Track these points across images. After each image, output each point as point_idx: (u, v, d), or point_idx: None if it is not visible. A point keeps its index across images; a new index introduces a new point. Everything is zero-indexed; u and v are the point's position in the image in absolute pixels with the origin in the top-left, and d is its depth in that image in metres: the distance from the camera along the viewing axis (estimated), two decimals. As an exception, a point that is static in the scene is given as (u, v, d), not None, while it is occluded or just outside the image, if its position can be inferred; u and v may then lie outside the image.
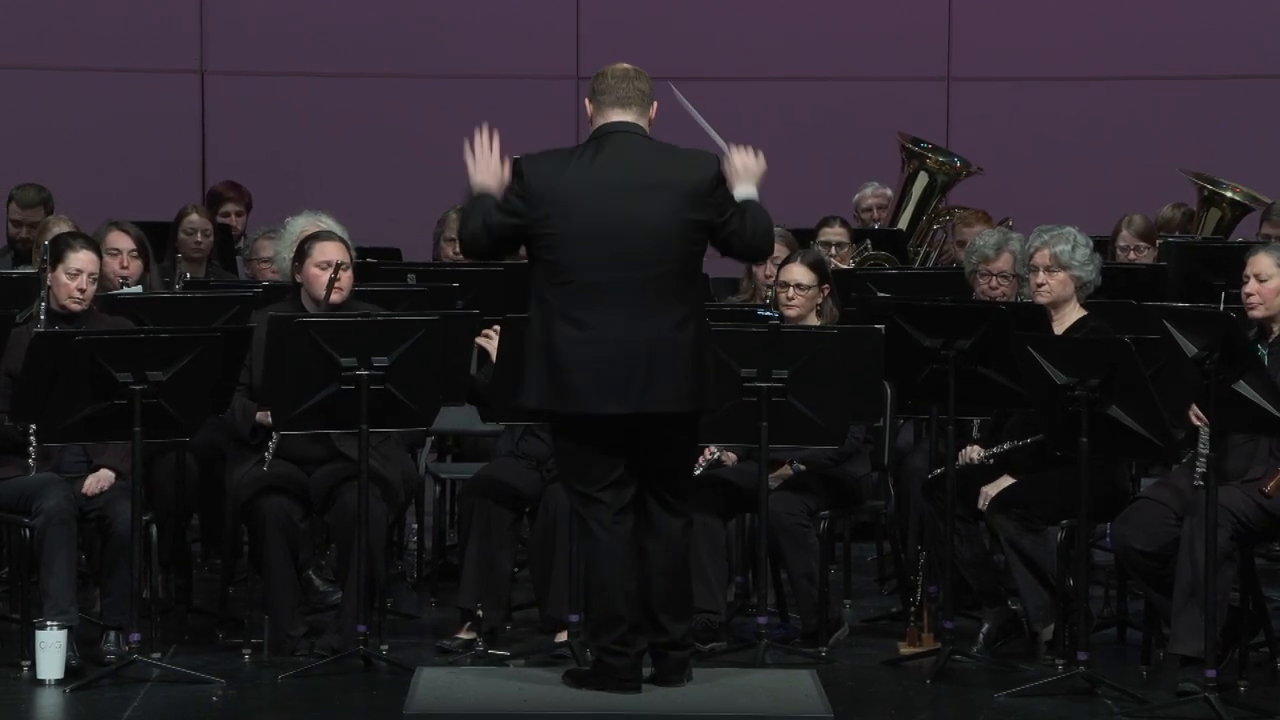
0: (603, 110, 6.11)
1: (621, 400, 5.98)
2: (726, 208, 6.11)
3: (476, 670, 6.70)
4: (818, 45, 12.31)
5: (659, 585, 6.15)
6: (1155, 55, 12.26)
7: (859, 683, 6.75)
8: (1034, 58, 12.30)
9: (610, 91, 6.10)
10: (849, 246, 9.47)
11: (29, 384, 6.60)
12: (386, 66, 12.04)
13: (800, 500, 7.13)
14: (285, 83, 12.01)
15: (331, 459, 7.03)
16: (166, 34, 12.05)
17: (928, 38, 12.45)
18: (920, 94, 12.31)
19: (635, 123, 6.10)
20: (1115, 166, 11.94)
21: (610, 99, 6.10)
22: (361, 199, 9.81)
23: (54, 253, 7.00)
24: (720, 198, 6.11)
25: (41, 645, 6.56)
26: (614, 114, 6.09)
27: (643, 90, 6.12)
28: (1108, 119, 12.27)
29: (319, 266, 7.03)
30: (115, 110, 11.83)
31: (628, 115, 6.09)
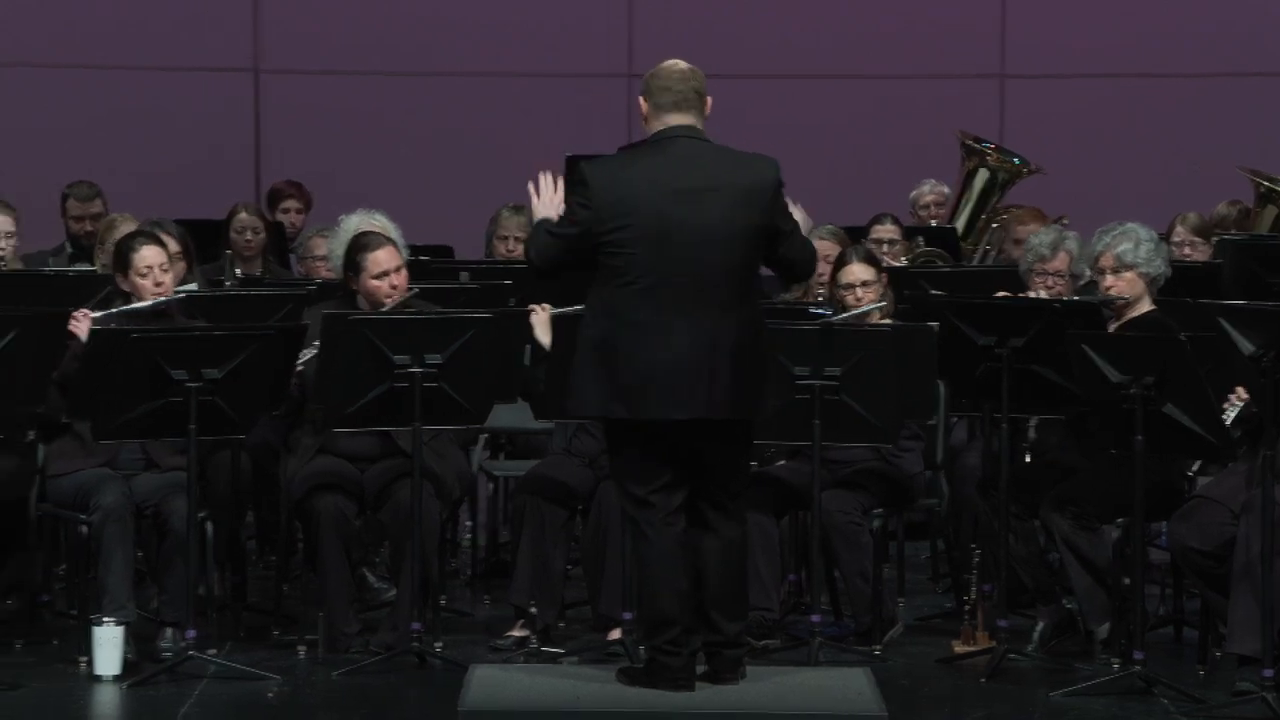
0: (660, 113, 6.09)
1: (684, 406, 5.97)
2: (785, 214, 6.12)
3: (530, 668, 6.71)
4: (870, 43, 12.28)
5: (713, 584, 6.14)
6: (1211, 51, 12.20)
7: (913, 681, 6.73)
8: (1087, 55, 12.25)
9: (667, 93, 6.08)
10: (901, 244, 9.46)
11: (86, 381, 6.65)
12: (440, 65, 12.07)
13: (853, 498, 7.12)
14: (339, 81, 12.05)
15: (385, 456, 7.05)
16: (221, 33, 12.11)
17: (981, 35, 12.41)
18: (973, 91, 12.28)
19: (694, 125, 6.09)
20: (1170, 163, 11.87)
21: (667, 101, 6.08)
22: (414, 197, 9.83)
23: (119, 261, 7.04)
24: (780, 203, 6.11)
25: (99, 642, 6.60)
26: (672, 117, 6.08)
27: (698, 89, 6.11)
28: (1162, 116, 12.21)
29: (375, 279, 7.06)
30: (170, 108, 11.89)
31: (686, 117, 6.08)
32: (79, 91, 11.84)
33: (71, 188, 9.48)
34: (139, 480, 6.90)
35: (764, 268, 6.24)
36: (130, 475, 6.91)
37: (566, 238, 6.04)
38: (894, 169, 11.07)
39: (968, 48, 12.36)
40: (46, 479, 6.98)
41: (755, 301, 6.11)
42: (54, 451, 7.00)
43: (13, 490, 7.15)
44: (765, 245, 6.08)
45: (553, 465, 7.26)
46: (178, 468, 6.80)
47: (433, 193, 11.14)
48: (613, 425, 6.10)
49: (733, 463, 6.16)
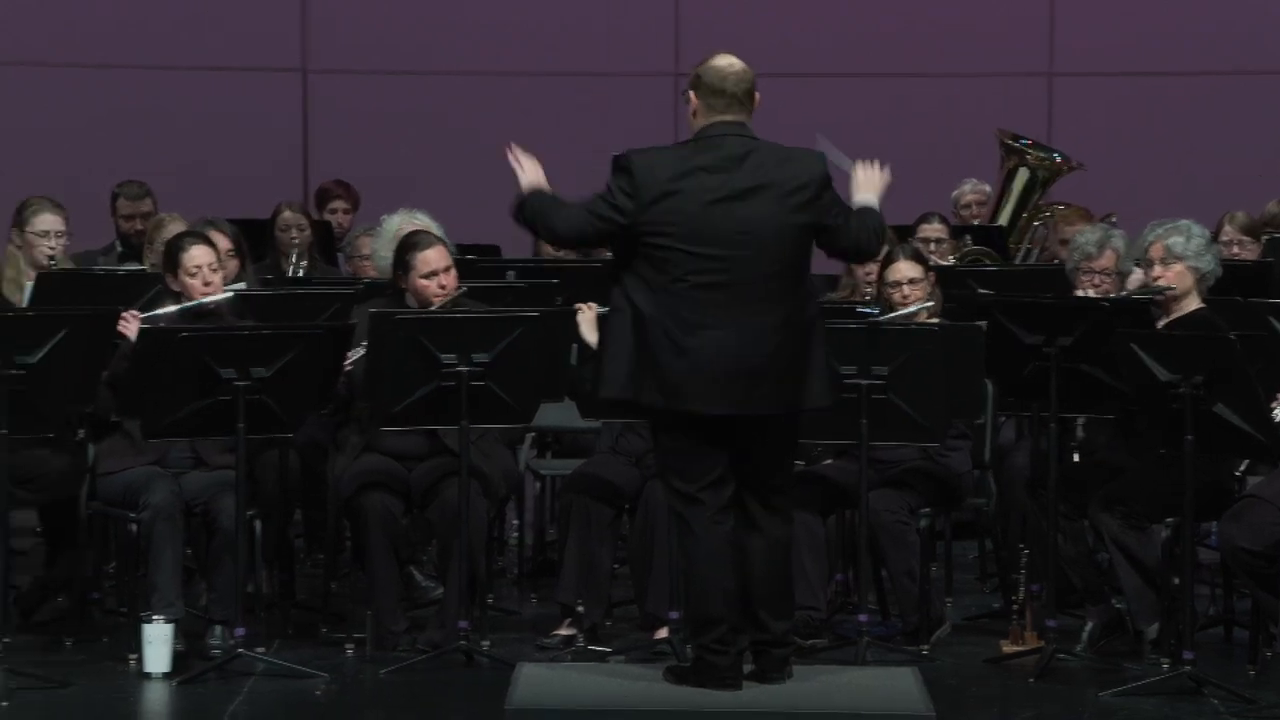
0: (708, 109, 6.08)
1: (728, 401, 5.97)
2: (834, 208, 6.10)
3: (577, 666, 6.72)
4: (918, 41, 12.26)
5: (760, 583, 6.13)
6: (1259, 49, 12.13)
7: (961, 681, 6.72)
8: (1136, 52, 12.20)
9: (720, 93, 6.07)
10: (948, 243, 9.43)
11: (135, 380, 6.68)
12: (488, 65, 12.09)
13: (901, 498, 7.10)
14: (386, 81, 12.08)
15: (432, 454, 7.07)
16: (268, 33, 12.16)
17: (1029, 33, 12.37)
18: (1022, 89, 12.24)
19: (742, 121, 6.08)
20: (1218, 162, 11.81)
21: (719, 101, 6.07)
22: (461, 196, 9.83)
23: (168, 260, 7.08)
24: (828, 200, 6.09)
25: (148, 639, 6.63)
26: (720, 114, 6.07)
27: (750, 90, 6.10)
28: (1211, 114, 12.15)
29: (425, 278, 7.07)
30: (218, 109, 11.94)
31: (734, 114, 6.07)
32: (129, 91, 11.90)
33: (121, 187, 9.54)
34: (188, 478, 6.93)
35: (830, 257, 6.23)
36: (179, 473, 6.94)
37: (606, 222, 6.03)
38: (942, 168, 11.03)
39: (1016, 46, 12.32)
40: (96, 477, 7.02)
41: (804, 297, 6.08)
42: (104, 450, 7.04)
43: (63, 489, 7.19)
44: (813, 242, 6.07)
45: (599, 464, 7.26)
46: (226, 466, 6.82)
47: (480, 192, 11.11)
48: (659, 421, 6.09)
49: (778, 458, 6.14)
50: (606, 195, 6.04)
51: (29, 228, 7.98)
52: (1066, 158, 10.58)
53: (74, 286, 7.67)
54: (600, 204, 6.03)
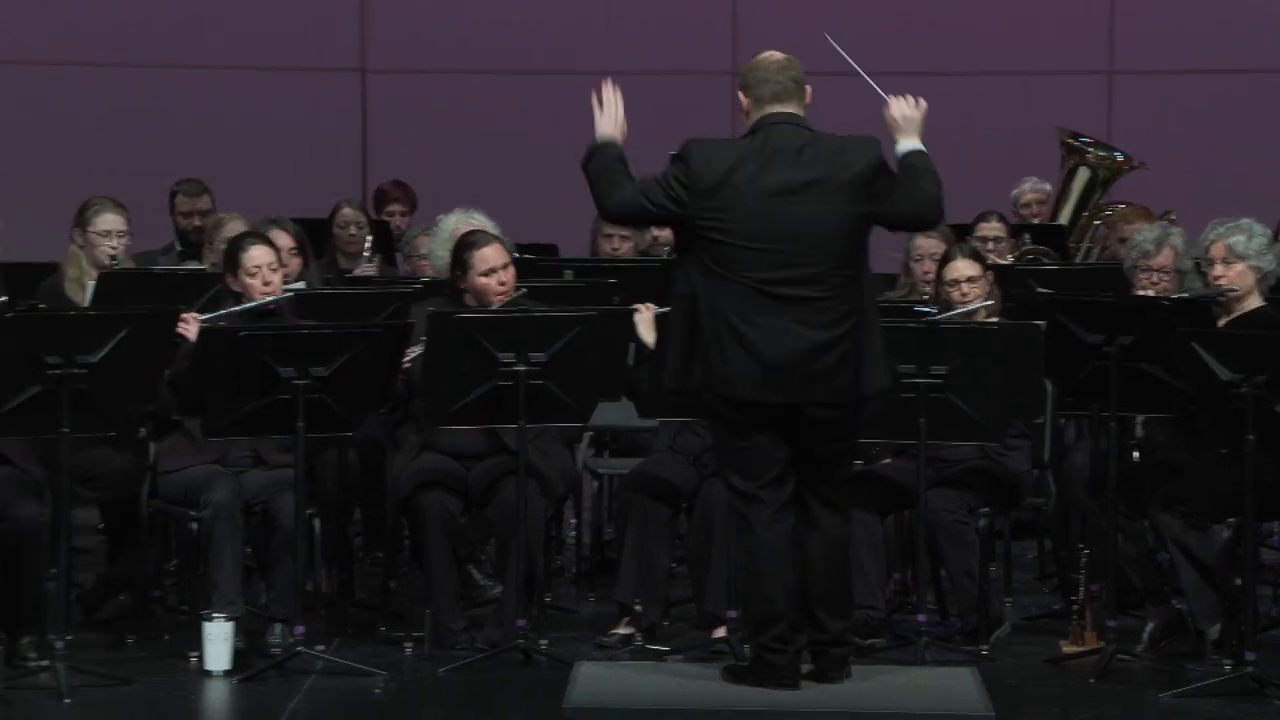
0: (760, 104, 6.09)
1: (786, 390, 5.96)
2: (889, 191, 6.08)
3: (635, 665, 6.71)
4: (978, 39, 12.21)
5: (818, 582, 6.13)
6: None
7: (1020, 681, 6.69)
8: (1198, 50, 12.12)
9: (765, 84, 6.07)
10: (1006, 241, 9.40)
11: (195, 379, 6.72)
12: (545, 63, 12.10)
13: (960, 497, 7.08)
14: (445, 80, 12.11)
15: (490, 453, 7.08)
16: (328, 33, 12.20)
17: (1089, 30, 12.31)
18: (1082, 88, 12.18)
19: (794, 112, 6.07)
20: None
21: (767, 92, 6.07)
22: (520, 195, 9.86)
23: (229, 260, 7.11)
24: (883, 184, 6.08)
25: (209, 637, 6.66)
26: (770, 105, 6.07)
27: (797, 79, 6.10)
28: (1273, 112, 12.06)
29: (483, 276, 7.08)
30: (277, 109, 11.99)
31: (784, 104, 6.07)
32: (190, 92, 11.96)
33: (179, 185, 9.59)
34: (248, 477, 6.96)
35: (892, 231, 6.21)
36: (239, 472, 6.97)
37: (659, 209, 6.04)
38: (1002, 167, 10.98)
39: (1076, 44, 12.26)
40: (157, 476, 7.06)
41: (860, 291, 6.07)
42: (165, 449, 7.07)
43: (125, 487, 7.23)
44: (869, 231, 6.06)
45: (657, 463, 7.26)
46: (286, 465, 6.85)
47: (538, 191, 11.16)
48: (719, 418, 6.09)
49: (837, 454, 6.13)
50: (663, 181, 6.05)
51: (91, 228, 8.03)
52: (1128, 156, 10.52)
53: (135, 286, 7.71)
54: (656, 190, 6.04)
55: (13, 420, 6.41)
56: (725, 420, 6.07)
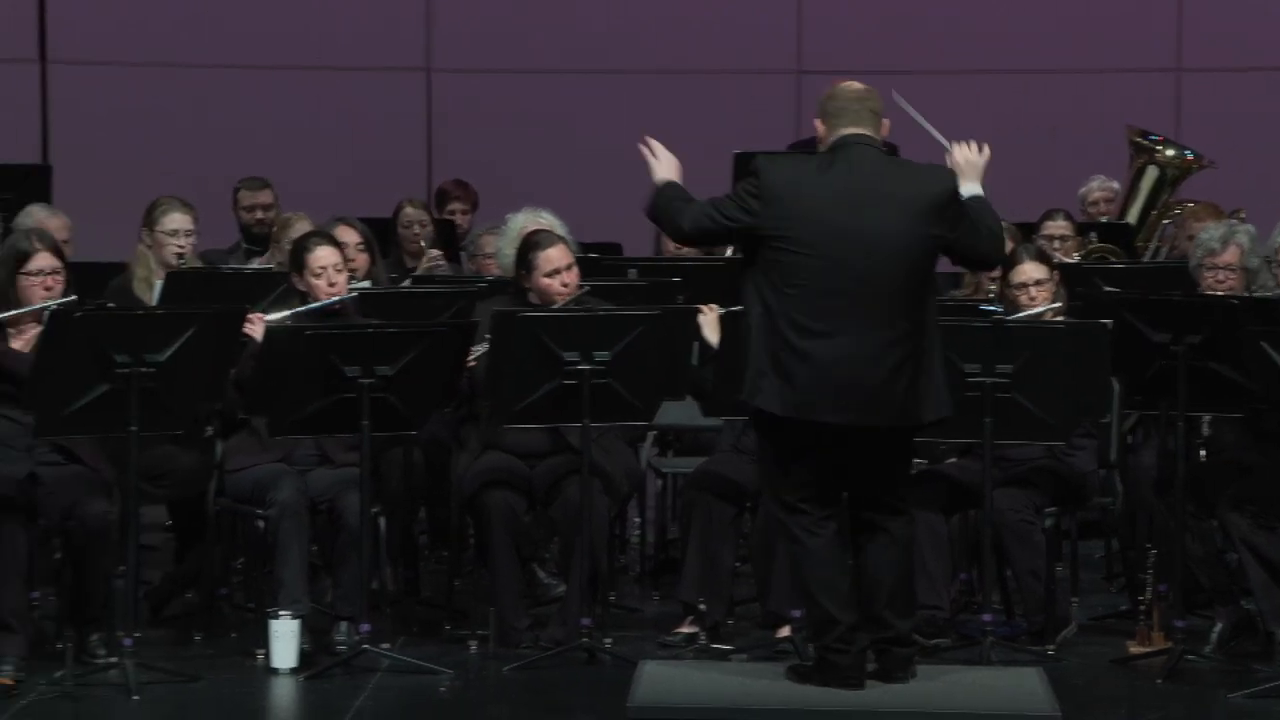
0: (833, 126, 6.11)
1: (842, 410, 5.95)
2: (959, 222, 6.08)
3: (699, 665, 6.71)
4: (1044, 37, 12.15)
5: (882, 582, 6.12)
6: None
7: (1087, 681, 6.65)
8: (1266, 46, 12.01)
9: (842, 113, 6.09)
10: (1073, 240, 9.35)
11: (261, 378, 6.75)
12: (609, 62, 12.10)
13: (1025, 497, 7.04)
14: (509, 80, 12.13)
15: (554, 452, 7.09)
16: (393, 32, 12.24)
17: (1157, 28, 12.22)
18: (1150, 86, 12.09)
19: (869, 134, 6.08)
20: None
21: (843, 120, 6.09)
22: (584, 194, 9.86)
23: (295, 260, 7.15)
24: (954, 213, 6.08)
25: (275, 634, 6.70)
26: (845, 128, 6.08)
27: (874, 109, 6.11)
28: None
29: (547, 276, 7.09)
30: (343, 108, 12.03)
31: (859, 127, 6.08)
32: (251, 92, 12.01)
33: (242, 181, 9.65)
34: (314, 475, 6.99)
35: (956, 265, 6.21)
36: (305, 471, 7.00)
37: (731, 221, 6.05)
38: (1069, 165, 10.93)
39: (1144, 41, 12.18)
40: (224, 474, 7.09)
41: (925, 313, 6.06)
42: (232, 447, 7.11)
43: (192, 485, 7.28)
44: (938, 255, 6.06)
45: (721, 462, 7.26)
46: (351, 464, 6.87)
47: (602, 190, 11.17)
48: (765, 430, 6.09)
49: (891, 472, 6.13)
50: (734, 196, 6.09)
51: (158, 227, 8.08)
52: (1197, 155, 10.44)
53: (202, 285, 7.76)
54: (728, 204, 6.07)
55: (82, 419, 6.46)
56: (773, 430, 6.06)
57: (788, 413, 5.99)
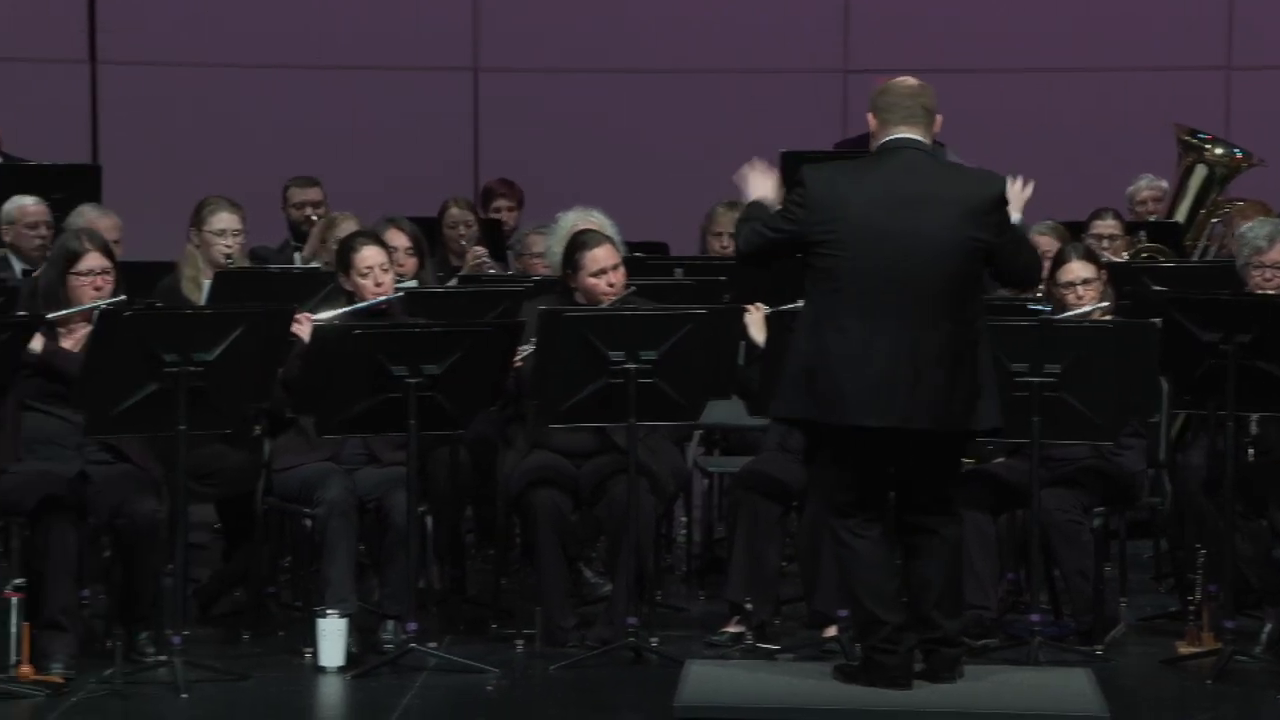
0: (887, 126, 6.09)
1: (883, 413, 5.94)
2: (1005, 230, 6.07)
3: (745, 664, 6.71)
4: (1095, 35, 12.10)
5: (930, 583, 6.10)
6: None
7: (1136, 682, 6.63)
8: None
9: (894, 108, 6.08)
10: (1122, 239, 9.31)
11: (309, 378, 6.77)
12: (656, 62, 12.10)
13: (1073, 496, 7.02)
14: (556, 79, 12.14)
15: (600, 452, 7.09)
16: (441, 32, 12.26)
17: (1207, 26, 12.15)
18: (1199, 84, 12.03)
19: (919, 138, 6.07)
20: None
21: (895, 116, 6.08)
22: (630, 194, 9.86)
23: (341, 260, 7.17)
24: (999, 219, 6.06)
25: (323, 633, 6.71)
26: (899, 130, 6.07)
27: (927, 106, 6.09)
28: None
29: (593, 276, 7.10)
30: (389, 108, 12.06)
31: (913, 131, 6.07)
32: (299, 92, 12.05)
33: (292, 179, 9.68)
34: (361, 475, 7.01)
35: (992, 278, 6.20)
36: (353, 470, 7.02)
37: (778, 233, 6.06)
38: (1117, 163, 10.88)
39: (1193, 39, 12.11)
40: (272, 473, 7.12)
41: (972, 317, 6.04)
42: (280, 446, 7.14)
43: (240, 484, 7.31)
44: (984, 259, 6.04)
45: (768, 461, 7.25)
46: (398, 463, 6.89)
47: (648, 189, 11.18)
48: (812, 431, 6.08)
49: (940, 473, 6.12)
50: (782, 209, 6.09)
51: (206, 227, 8.12)
52: (1247, 153, 10.38)
53: (250, 284, 7.79)
54: (775, 217, 6.09)
55: (131, 418, 6.50)
56: (820, 433, 6.05)
57: (821, 418, 5.98)
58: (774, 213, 6.11)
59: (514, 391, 7.08)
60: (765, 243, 6.10)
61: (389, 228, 7.95)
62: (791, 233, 6.04)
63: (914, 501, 6.12)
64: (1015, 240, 6.14)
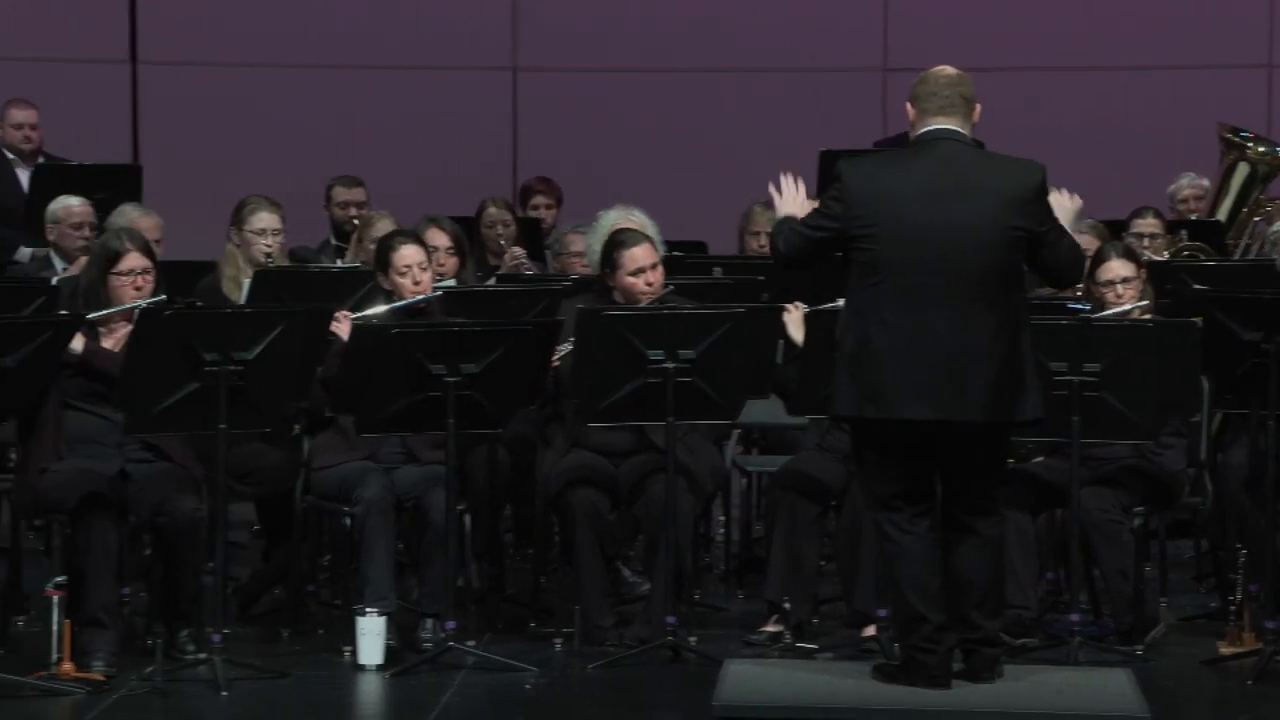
0: (925, 116, 6.07)
1: (929, 405, 5.93)
2: (1047, 220, 6.04)
3: (784, 663, 6.70)
4: (1134, 33, 12.05)
5: (971, 582, 6.08)
6: None
7: (1177, 682, 6.60)
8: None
9: (932, 97, 6.05)
10: (1163, 238, 9.26)
11: (348, 377, 6.79)
12: (695, 61, 12.09)
13: (1113, 496, 6.99)
14: (595, 78, 12.14)
15: (639, 451, 7.09)
16: (479, 31, 12.28)
17: (1248, 24, 12.10)
18: (1241, 82, 11.97)
19: (958, 129, 6.05)
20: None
21: (933, 105, 6.05)
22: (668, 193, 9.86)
23: (380, 259, 7.18)
24: (1041, 209, 6.03)
25: (362, 631, 6.73)
26: (936, 120, 6.04)
27: (965, 95, 6.07)
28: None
29: (631, 275, 7.10)
30: (428, 107, 12.08)
31: (950, 122, 6.05)
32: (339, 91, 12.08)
33: (336, 178, 9.71)
34: (400, 473, 7.02)
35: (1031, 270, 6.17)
36: (392, 468, 7.03)
37: (818, 230, 6.04)
38: (1159, 162, 10.84)
39: (1235, 37, 12.05)
40: (311, 472, 7.14)
41: (1015, 307, 6.01)
42: (319, 445, 7.16)
43: (280, 483, 7.33)
44: (1026, 248, 6.01)
45: (806, 460, 7.24)
46: (437, 461, 6.90)
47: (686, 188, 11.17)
48: (859, 426, 6.07)
49: (986, 466, 6.09)
50: (820, 206, 6.07)
51: (246, 226, 8.14)
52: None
53: (290, 283, 7.81)
54: (813, 215, 6.07)
55: (171, 417, 6.52)
56: (866, 428, 6.04)
57: (869, 413, 5.96)
58: (812, 212, 6.09)
59: (552, 391, 7.09)
60: (805, 242, 6.08)
61: (430, 227, 7.96)
62: (831, 229, 6.02)
63: (957, 498, 6.10)
64: (1058, 231, 6.10)
